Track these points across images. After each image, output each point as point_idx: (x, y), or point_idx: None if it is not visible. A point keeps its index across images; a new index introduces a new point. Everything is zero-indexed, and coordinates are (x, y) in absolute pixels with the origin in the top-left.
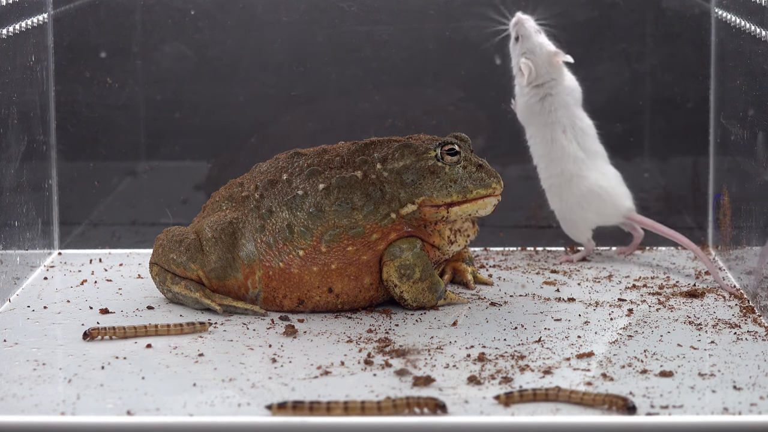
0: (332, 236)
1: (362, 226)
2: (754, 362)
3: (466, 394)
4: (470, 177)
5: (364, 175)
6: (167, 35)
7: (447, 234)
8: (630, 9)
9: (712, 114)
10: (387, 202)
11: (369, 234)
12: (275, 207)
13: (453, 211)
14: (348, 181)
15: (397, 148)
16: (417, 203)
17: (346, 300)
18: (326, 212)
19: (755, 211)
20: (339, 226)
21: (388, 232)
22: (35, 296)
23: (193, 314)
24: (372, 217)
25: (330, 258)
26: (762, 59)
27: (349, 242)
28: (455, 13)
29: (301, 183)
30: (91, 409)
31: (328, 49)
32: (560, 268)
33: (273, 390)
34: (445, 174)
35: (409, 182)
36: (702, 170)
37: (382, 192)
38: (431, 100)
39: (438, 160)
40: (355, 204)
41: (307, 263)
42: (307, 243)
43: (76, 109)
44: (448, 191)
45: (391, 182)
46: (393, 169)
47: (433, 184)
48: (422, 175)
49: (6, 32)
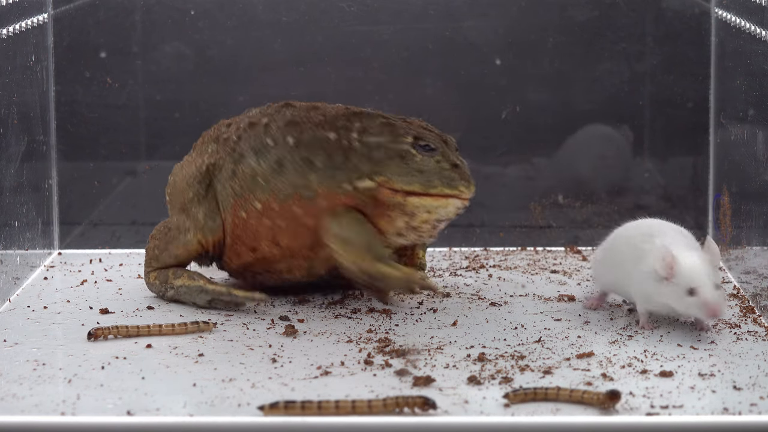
0: (285, 195)
1: (314, 189)
2: (754, 362)
3: (466, 394)
4: (439, 172)
5: (336, 138)
6: (167, 35)
7: (399, 224)
8: (630, 9)
9: (712, 114)
10: (347, 171)
11: (319, 199)
12: (246, 151)
13: (410, 201)
14: (317, 139)
15: (379, 124)
16: (376, 181)
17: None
18: (287, 169)
19: (755, 211)
20: (294, 185)
21: (337, 202)
22: (35, 296)
23: (194, 314)
24: (327, 182)
25: (279, 215)
26: (762, 59)
27: (298, 204)
28: (455, 13)
29: (276, 131)
30: (91, 409)
31: (328, 49)
32: (560, 268)
33: (273, 390)
34: (414, 162)
35: (376, 159)
36: (702, 170)
37: (345, 159)
38: (431, 100)
39: (413, 147)
40: (315, 165)
41: (262, 216)
42: (264, 197)
43: (76, 109)
44: (409, 179)
45: (359, 154)
46: (366, 143)
47: (398, 168)
48: (391, 156)
49: (6, 32)
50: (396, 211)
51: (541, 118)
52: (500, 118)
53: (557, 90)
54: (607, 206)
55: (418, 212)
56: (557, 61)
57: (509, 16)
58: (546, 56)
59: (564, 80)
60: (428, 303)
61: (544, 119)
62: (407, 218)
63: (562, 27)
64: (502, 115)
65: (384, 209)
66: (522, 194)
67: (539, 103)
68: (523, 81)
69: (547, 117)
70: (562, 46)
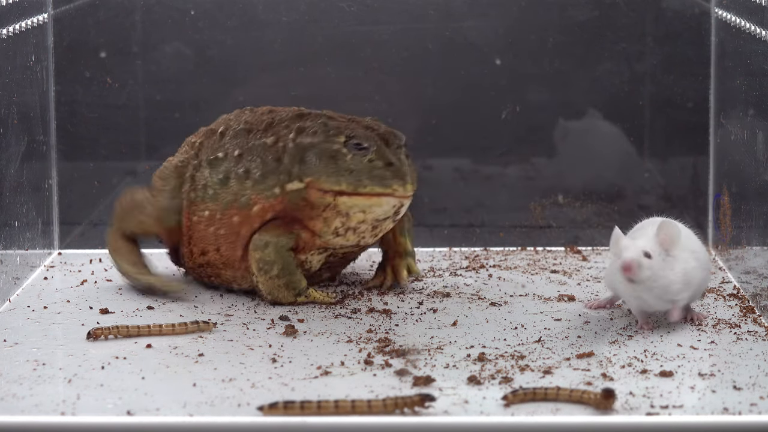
0: (226, 203)
1: (249, 195)
2: (754, 362)
3: (466, 394)
4: (370, 172)
5: (274, 142)
6: (167, 35)
7: (335, 225)
8: (630, 9)
9: (712, 114)
10: (278, 174)
11: (252, 205)
12: (203, 161)
13: (341, 201)
14: (257, 147)
15: (317, 124)
16: (305, 182)
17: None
18: (231, 181)
19: (755, 211)
20: (234, 194)
21: (269, 208)
22: (35, 296)
23: (194, 314)
24: (259, 186)
25: (221, 223)
26: (762, 59)
27: (236, 212)
28: (455, 13)
29: (228, 141)
30: (91, 409)
31: (328, 49)
32: (560, 268)
33: (273, 390)
34: (344, 161)
35: (306, 160)
36: (702, 170)
37: (278, 163)
38: (431, 99)
39: (344, 146)
40: (252, 173)
41: (208, 223)
42: (212, 206)
43: (76, 109)
44: (338, 179)
45: (292, 155)
46: (300, 144)
47: (326, 168)
48: (321, 156)
49: (6, 32)
50: (330, 212)
51: (541, 118)
52: (500, 118)
53: (557, 90)
54: (607, 206)
55: (352, 212)
56: (557, 61)
57: (509, 16)
58: (546, 56)
59: (564, 80)
60: (428, 303)
61: (544, 119)
62: (343, 219)
63: (562, 27)
64: (502, 115)
65: (318, 211)
66: (522, 194)
67: (539, 103)
68: (523, 81)
69: (547, 117)
70: (562, 46)
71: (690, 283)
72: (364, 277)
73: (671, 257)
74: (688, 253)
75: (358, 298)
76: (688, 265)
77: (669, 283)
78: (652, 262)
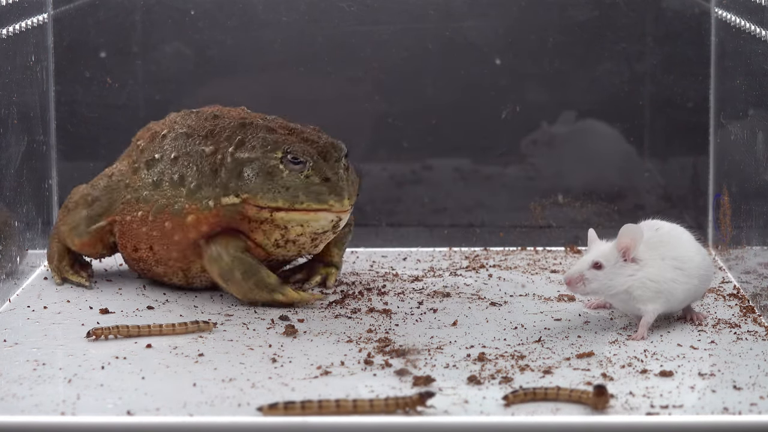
0: (159, 208)
1: (183, 204)
2: (754, 362)
3: (466, 394)
4: (307, 188)
5: (213, 152)
6: (167, 35)
7: (275, 237)
8: (630, 9)
9: (712, 114)
10: (214, 186)
11: (185, 215)
12: (142, 162)
13: (278, 216)
14: (194, 154)
15: (256, 138)
16: (241, 198)
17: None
18: (164, 184)
19: (755, 211)
20: (167, 199)
21: (203, 220)
22: (35, 296)
23: (194, 314)
24: (193, 196)
25: (153, 226)
26: (762, 59)
27: (168, 218)
28: (455, 13)
29: (168, 143)
30: (91, 409)
31: (328, 49)
32: (560, 268)
33: (273, 390)
34: (281, 178)
35: (243, 175)
36: (702, 170)
37: (215, 175)
38: (431, 99)
39: (281, 162)
40: (186, 179)
41: (141, 223)
42: (145, 207)
43: (76, 109)
44: (274, 195)
45: (229, 169)
46: (238, 158)
47: (263, 185)
48: (258, 172)
49: (6, 32)
50: (268, 226)
51: (541, 118)
52: (500, 118)
53: (557, 90)
54: (607, 206)
55: (290, 226)
56: (557, 61)
57: (509, 16)
58: (546, 56)
59: (564, 80)
60: (428, 303)
61: (544, 119)
62: (282, 231)
63: (562, 27)
64: (502, 115)
65: (257, 224)
66: (522, 194)
67: (539, 103)
68: (523, 81)
69: (547, 117)
70: (562, 46)
71: (663, 291)
72: (364, 278)
73: (634, 263)
74: (668, 261)
75: (358, 298)
76: (663, 274)
77: (629, 289)
78: (600, 273)
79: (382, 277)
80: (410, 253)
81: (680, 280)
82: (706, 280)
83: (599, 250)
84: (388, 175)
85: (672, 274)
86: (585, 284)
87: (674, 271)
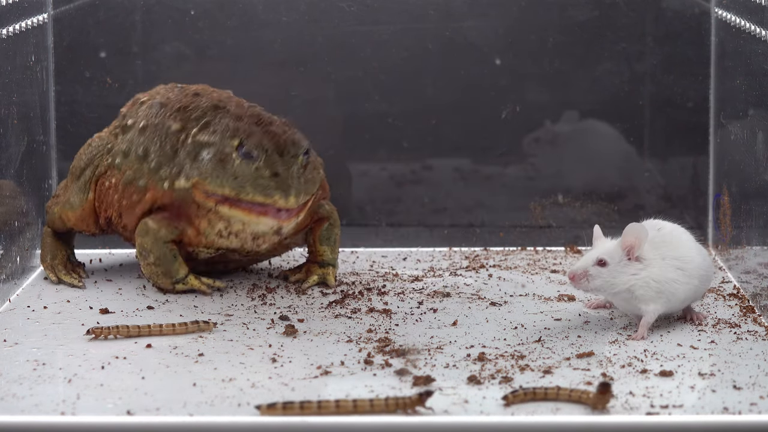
0: (127, 180)
1: (146, 180)
2: (754, 362)
3: (466, 394)
4: (255, 180)
5: (178, 130)
6: (167, 35)
7: (219, 227)
8: (630, 9)
9: (712, 114)
10: (171, 167)
11: (146, 191)
12: (122, 128)
13: (222, 209)
14: (160, 128)
15: (220, 123)
16: (191, 182)
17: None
18: (131, 153)
19: (755, 211)
20: (134, 170)
21: (158, 197)
22: (35, 296)
23: (194, 314)
24: (153, 175)
25: (123, 195)
26: (762, 59)
27: (134, 190)
28: (455, 13)
29: (142, 110)
30: (91, 409)
31: (328, 49)
32: (560, 268)
33: (273, 390)
34: (231, 166)
35: (199, 159)
36: (702, 170)
37: (174, 155)
38: (431, 99)
39: (235, 150)
40: (149, 155)
41: (115, 190)
42: (117, 175)
43: (76, 109)
44: (222, 182)
45: (188, 151)
46: (197, 140)
47: (213, 170)
48: (212, 158)
49: (6, 32)
50: (213, 215)
51: (541, 118)
52: (500, 118)
53: (557, 90)
54: (607, 206)
55: (232, 221)
56: (557, 61)
57: (509, 16)
58: (546, 56)
59: (564, 80)
60: (428, 303)
61: (543, 119)
62: (225, 223)
63: (562, 27)
64: (502, 115)
65: (204, 211)
66: (522, 194)
67: (539, 103)
68: (523, 81)
69: (547, 117)
70: (562, 46)
71: (664, 292)
72: (364, 278)
73: (638, 262)
74: (669, 261)
75: (358, 298)
76: (665, 274)
77: (631, 288)
78: (604, 270)
79: (382, 277)
80: (410, 253)
81: (681, 281)
82: (707, 280)
83: (604, 248)
84: (388, 175)
85: (673, 275)
86: (588, 281)
87: (676, 271)
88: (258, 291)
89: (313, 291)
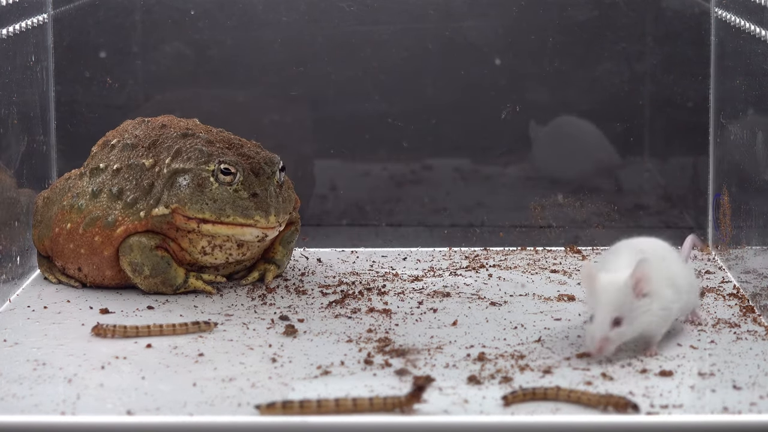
0: (91, 220)
1: (116, 216)
2: (754, 362)
3: (466, 394)
4: (234, 202)
5: (152, 165)
6: (167, 35)
7: (201, 244)
8: (630, 9)
9: (712, 114)
10: (148, 198)
11: (116, 227)
12: (88, 170)
13: (204, 228)
14: (134, 167)
15: (193, 150)
16: (171, 208)
17: (94, 282)
18: (102, 194)
19: (755, 211)
20: (102, 210)
21: (132, 229)
22: (35, 296)
23: (194, 314)
24: (128, 209)
25: (82, 242)
26: (762, 59)
27: (99, 232)
28: (455, 13)
29: (114, 154)
30: (91, 409)
31: (328, 49)
32: (560, 268)
33: (273, 390)
34: (210, 190)
35: (176, 185)
36: (702, 170)
37: (150, 187)
38: (431, 99)
39: (212, 175)
40: (124, 192)
41: (68, 238)
42: (75, 219)
43: (76, 109)
44: (202, 207)
45: (164, 180)
46: (172, 168)
47: (192, 195)
48: (189, 183)
49: (6, 32)
50: (195, 235)
51: (541, 118)
52: (500, 118)
53: (557, 90)
54: (607, 206)
55: (216, 236)
56: (557, 61)
57: (509, 16)
58: (546, 56)
59: (564, 80)
60: (428, 303)
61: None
62: (209, 238)
63: (562, 27)
64: (502, 115)
65: (184, 232)
66: (522, 194)
67: (539, 103)
68: (523, 81)
69: (547, 117)
70: (562, 46)
71: (669, 314)
72: (364, 278)
73: (646, 297)
74: (664, 282)
75: (358, 298)
76: (665, 297)
77: (647, 325)
78: (622, 327)
79: (382, 277)
80: (410, 253)
81: (674, 298)
82: (694, 290)
83: (609, 301)
84: (388, 175)
85: (671, 295)
86: (611, 344)
87: (670, 289)
88: (258, 291)
89: (313, 291)
